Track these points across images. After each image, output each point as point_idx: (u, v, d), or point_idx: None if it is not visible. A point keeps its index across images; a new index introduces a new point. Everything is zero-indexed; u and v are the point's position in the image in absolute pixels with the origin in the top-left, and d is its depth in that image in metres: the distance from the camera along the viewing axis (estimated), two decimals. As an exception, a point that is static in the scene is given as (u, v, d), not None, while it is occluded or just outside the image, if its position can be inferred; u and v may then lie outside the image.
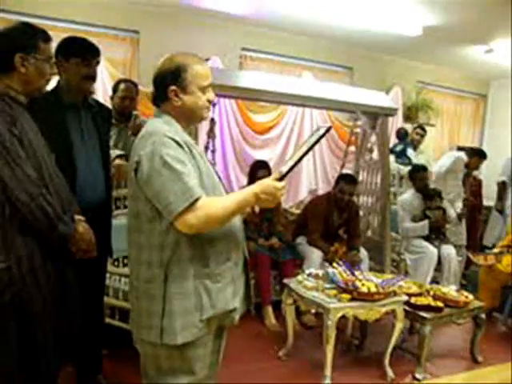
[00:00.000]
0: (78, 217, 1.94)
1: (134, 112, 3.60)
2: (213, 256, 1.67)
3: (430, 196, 4.59)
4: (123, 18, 4.95)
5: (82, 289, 2.02)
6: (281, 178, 1.64)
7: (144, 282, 1.66)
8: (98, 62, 2.34)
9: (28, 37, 1.80)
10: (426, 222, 4.49)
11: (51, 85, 2.14)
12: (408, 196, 4.72)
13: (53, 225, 1.74)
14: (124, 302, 2.92)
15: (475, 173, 5.70)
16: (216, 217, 1.57)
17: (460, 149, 5.56)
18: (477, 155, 5.32)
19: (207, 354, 1.76)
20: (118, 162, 2.86)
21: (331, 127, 1.75)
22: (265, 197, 1.61)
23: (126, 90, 3.51)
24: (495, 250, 4.30)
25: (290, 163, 1.69)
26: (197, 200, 1.53)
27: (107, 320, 2.86)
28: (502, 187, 5.75)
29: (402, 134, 5.84)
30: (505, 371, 3.31)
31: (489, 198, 6.75)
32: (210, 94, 1.74)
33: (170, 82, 1.66)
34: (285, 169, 1.67)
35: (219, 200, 1.63)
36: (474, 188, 5.60)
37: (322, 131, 1.72)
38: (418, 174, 4.69)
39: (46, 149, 1.88)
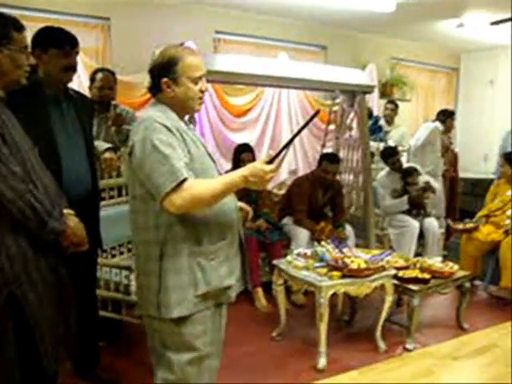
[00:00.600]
0: (67, 211, 1.89)
1: (113, 102, 3.54)
2: (206, 235, 1.75)
3: (408, 172, 4.66)
4: (93, 5, 4.82)
5: (75, 282, 2.01)
6: (270, 161, 1.67)
7: (143, 260, 1.79)
8: (77, 52, 2.31)
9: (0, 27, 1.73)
10: (405, 198, 4.57)
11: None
12: (385, 174, 4.80)
13: (43, 221, 1.70)
14: (116, 293, 2.90)
15: (452, 146, 5.80)
16: (202, 198, 1.64)
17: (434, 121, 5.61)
18: (447, 117, 5.45)
19: (208, 331, 1.82)
20: (107, 155, 2.85)
21: (319, 111, 1.79)
22: (253, 179, 1.65)
23: (104, 80, 3.44)
24: (474, 220, 4.40)
25: (279, 147, 1.73)
26: (183, 181, 1.60)
27: (100, 312, 2.85)
28: None
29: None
30: (490, 335, 3.44)
31: (465, 170, 6.89)
32: (203, 85, 1.80)
33: (162, 74, 1.74)
34: (274, 152, 1.71)
35: (206, 182, 1.68)
36: (450, 160, 5.71)
37: (309, 116, 1.78)
38: (390, 159, 4.75)
39: (28, 143, 1.83)
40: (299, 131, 1.77)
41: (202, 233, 1.74)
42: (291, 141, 1.75)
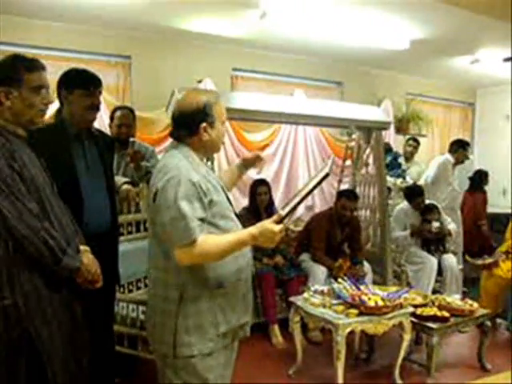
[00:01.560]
0: (83, 247, 1.93)
1: (131, 139, 3.62)
2: (226, 276, 1.80)
3: (428, 209, 4.63)
4: (114, 43, 4.99)
5: (91, 318, 2.03)
6: (280, 221, 1.73)
7: (160, 300, 1.81)
8: (100, 92, 2.38)
9: (8, 70, 1.79)
10: (407, 232, 4.55)
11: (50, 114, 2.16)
12: (402, 209, 4.77)
13: (57, 258, 1.72)
14: (132, 329, 2.91)
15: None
16: (210, 255, 1.72)
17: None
18: (459, 148, 5.35)
19: (220, 365, 1.85)
20: (126, 186, 2.91)
21: (328, 174, 1.81)
22: (262, 239, 1.72)
23: (123, 118, 3.53)
24: (493, 255, 4.33)
25: (289, 207, 1.77)
26: (195, 240, 1.67)
27: (116, 348, 2.84)
28: None
29: (385, 150, 5.87)
30: (514, 377, 3.34)
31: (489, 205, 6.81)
32: (224, 127, 1.90)
33: (201, 118, 1.79)
34: (284, 212, 1.76)
35: (216, 239, 1.73)
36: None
37: (321, 175, 1.81)
38: (415, 199, 4.68)
39: (46, 180, 1.88)
40: (309, 193, 1.81)
41: (221, 275, 1.79)
42: (300, 202, 1.79)
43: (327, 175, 1.81)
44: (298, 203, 1.78)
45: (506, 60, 5.76)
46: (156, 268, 1.83)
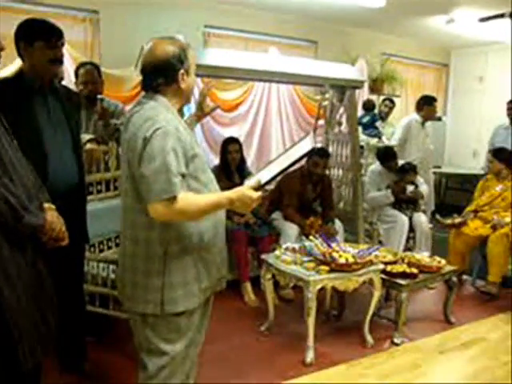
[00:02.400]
0: (46, 205, 1.85)
1: (99, 96, 3.50)
2: (207, 229, 1.81)
3: (404, 170, 4.66)
4: (82, -3, 4.78)
5: (60, 277, 1.99)
6: (258, 188, 1.75)
7: (142, 259, 1.76)
8: (62, 44, 2.27)
9: None
10: (388, 191, 4.58)
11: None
12: (376, 170, 4.78)
13: (18, 216, 1.65)
14: (103, 288, 2.89)
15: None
16: (188, 213, 1.69)
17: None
18: (425, 104, 5.31)
19: (198, 320, 1.90)
20: (89, 146, 2.82)
21: (314, 149, 1.83)
22: (239, 204, 1.74)
23: (87, 74, 3.42)
24: (462, 215, 4.43)
25: (269, 175, 1.80)
26: (175, 197, 1.63)
27: (88, 307, 2.83)
28: None
29: (368, 106, 5.89)
30: (477, 328, 3.47)
31: (454, 166, 6.93)
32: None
33: (179, 65, 1.74)
34: (263, 179, 1.79)
35: (196, 199, 1.70)
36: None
37: (306, 149, 1.83)
38: (388, 161, 4.69)
39: (5, 135, 1.79)
40: (291, 165, 1.84)
41: (202, 229, 1.79)
42: (281, 172, 1.82)
43: (313, 149, 1.81)
44: (278, 173, 1.80)
45: (482, 20, 5.72)
46: (134, 226, 1.77)
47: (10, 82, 2.28)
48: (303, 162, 3.92)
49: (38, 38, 2.19)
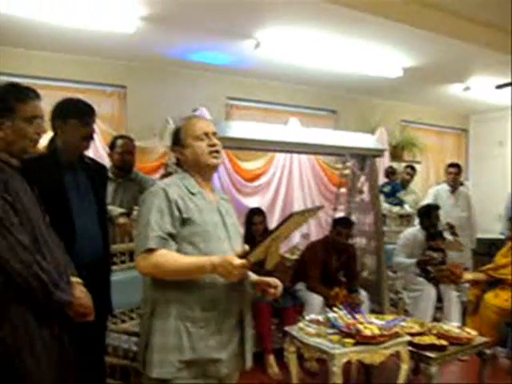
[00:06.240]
0: (74, 279, 1.90)
1: (134, 170, 3.71)
2: (199, 301, 1.78)
3: (433, 236, 4.60)
4: (110, 73, 5.04)
5: (81, 348, 1.98)
6: (243, 256, 1.68)
7: (142, 317, 1.90)
8: (94, 121, 2.40)
9: (2, 100, 1.78)
10: (412, 261, 4.51)
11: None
12: (411, 232, 4.74)
13: (49, 292, 1.69)
14: (124, 360, 2.86)
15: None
16: (164, 269, 1.72)
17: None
18: (445, 171, 5.59)
19: None
20: (122, 220, 2.94)
21: (292, 215, 1.74)
22: (221, 270, 1.69)
23: (125, 145, 3.62)
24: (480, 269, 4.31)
25: (257, 249, 1.72)
26: (152, 250, 1.72)
27: (108, 380, 2.78)
28: None
29: (390, 173, 5.93)
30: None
31: (482, 231, 6.80)
32: (210, 140, 1.92)
33: (173, 145, 1.97)
34: (247, 247, 1.74)
35: (175, 256, 1.74)
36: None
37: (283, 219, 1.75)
38: (434, 212, 4.67)
39: (39, 211, 1.85)
40: (276, 229, 1.75)
41: (194, 299, 1.78)
42: (267, 237, 1.73)
43: (291, 215, 1.73)
44: (264, 245, 1.72)
45: (498, 87, 5.84)
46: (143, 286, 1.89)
47: (44, 157, 2.38)
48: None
49: (73, 116, 2.32)
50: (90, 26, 3.93)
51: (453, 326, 3.45)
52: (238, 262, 1.66)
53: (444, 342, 3.13)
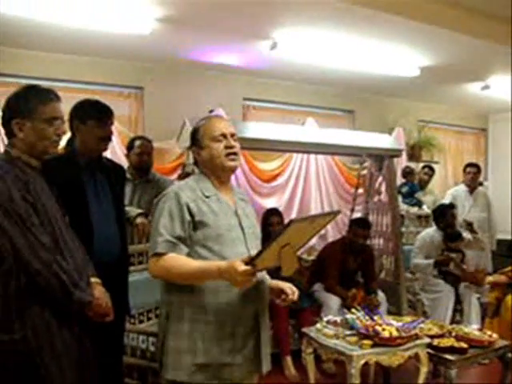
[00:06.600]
0: (93, 280, 1.91)
1: (152, 171, 3.74)
2: (213, 305, 1.77)
3: (452, 237, 4.55)
4: (127, 75, 5.07)
5: (100, 349, 1.99)
6: (249, 262, 1.60)
7: (159, 318, 1.93)
8: (112, 123, 2.42)
9: (21, 102, 1.80)
10: (430, 261, 4.46)
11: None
12: (429, 232, 4.69)
13: (69, 292, 1.71)
14: (142, 360, 2.87)
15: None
16: (171, 273, 1.74)
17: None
18: (463, 171, 5.62)
19: None
20: (140, 220, 2.96)
21: (290, 223, 1.61)
22: (227, 276, 1.64)
23: (143, 146, 3.66)
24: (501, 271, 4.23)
25: (261, 255, 1.62)
26: (161, 254, 1.73)
27: (126, 380, 2.80)
28: None
29: (407, 173, 5.87)
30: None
31: (501, 232, 6.69)
32: (228, 142, 1.89)
33: (192, 145, 1.97)
34: (254, 253, 1.65)
35: (183, 261, 1.74)
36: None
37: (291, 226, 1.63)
38: (449, 211, 4.65)
39: (59, 212, 1.88)
40: (277, 235, 1.63)
41: (208, 302, 1.77)
42: (271, 243, 1.62)
43: (290, 223, 1.61)
44: (267, 245, 1.61)
45: (516, 87, 5.76)
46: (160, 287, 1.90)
47: (63, 157, 2.40)
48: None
49: (91, 117, 2.34)
50: (106, 27, 3.96)
51: (473, 328, 3.40)
52: (242, 268, 1.58)
53: (464, 345, 3.08)
